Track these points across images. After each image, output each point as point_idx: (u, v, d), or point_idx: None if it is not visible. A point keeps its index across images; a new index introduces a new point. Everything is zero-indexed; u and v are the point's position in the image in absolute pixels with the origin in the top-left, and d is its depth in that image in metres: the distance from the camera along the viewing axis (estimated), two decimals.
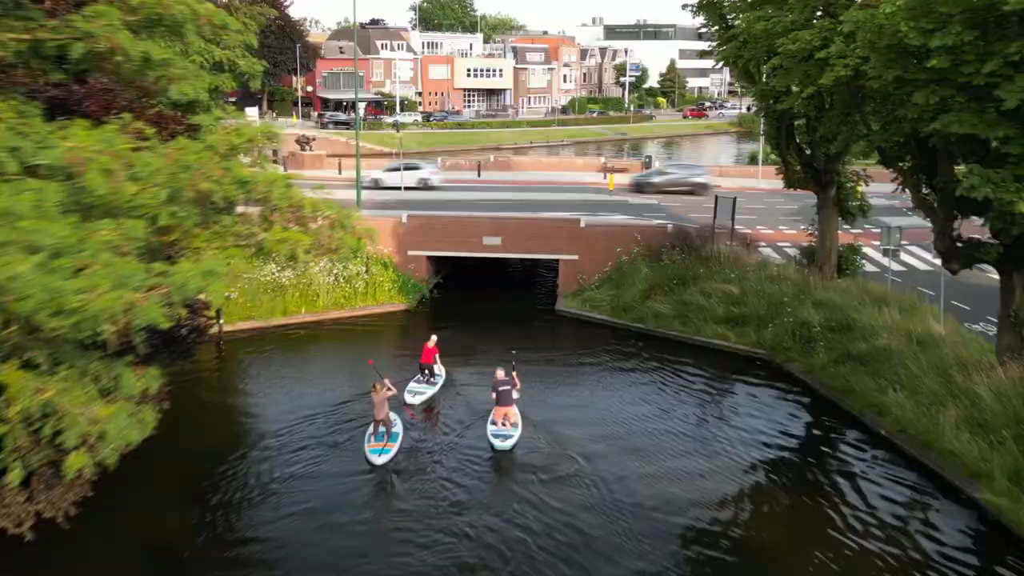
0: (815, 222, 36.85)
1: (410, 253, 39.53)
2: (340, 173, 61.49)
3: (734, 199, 37.54)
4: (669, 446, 24.91)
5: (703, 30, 36.68)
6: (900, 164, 25.61)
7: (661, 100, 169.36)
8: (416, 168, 56.30)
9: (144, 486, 21.21)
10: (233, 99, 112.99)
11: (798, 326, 31.08)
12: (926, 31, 16.96)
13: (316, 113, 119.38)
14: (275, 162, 70.24)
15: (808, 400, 28.36)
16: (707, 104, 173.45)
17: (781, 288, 33.54)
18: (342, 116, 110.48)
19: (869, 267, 38.11)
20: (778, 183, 60.71)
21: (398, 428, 24.35)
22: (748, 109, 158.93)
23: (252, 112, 68.84)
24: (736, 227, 38.81)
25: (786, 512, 21.62)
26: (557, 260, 39.44)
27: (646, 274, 36.60)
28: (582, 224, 38.61)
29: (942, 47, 16.77)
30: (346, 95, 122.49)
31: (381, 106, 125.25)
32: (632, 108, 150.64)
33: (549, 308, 37.98)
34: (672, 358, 32.21)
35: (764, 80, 33.11)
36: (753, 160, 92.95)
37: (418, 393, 27.37)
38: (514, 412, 24.77)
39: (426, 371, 28.13)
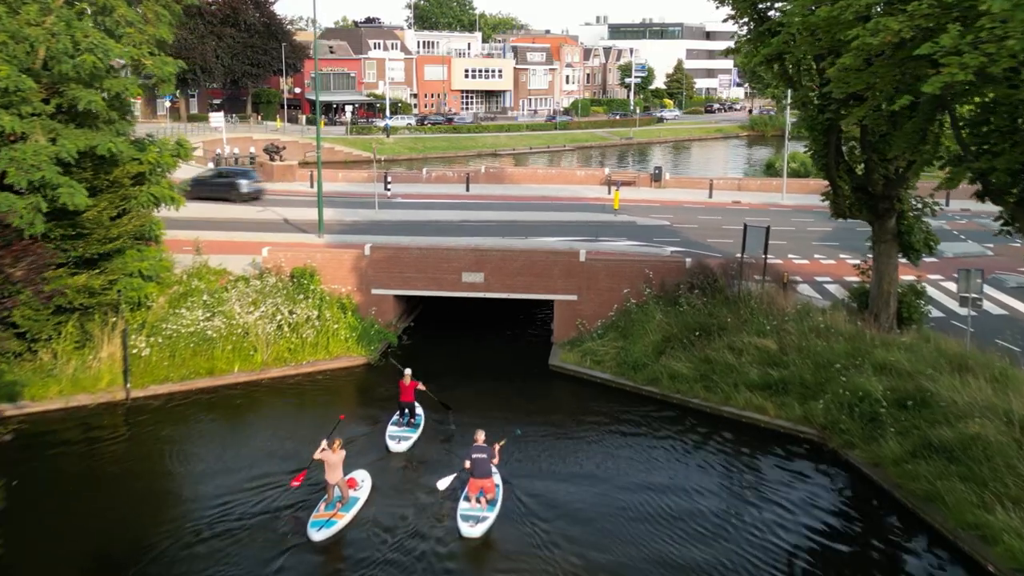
0: (869, 259, 30.06)
1: (374, 292, 32.74)
2: (312, 187, 54.61)
3: (767, 228, 30.67)
4: (688, 564, 18.97)
5: (727, 22, 29.68)
6: (1008, 198, 18.81)
7: (668, 102, 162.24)
8: None
9: None
10: (218, 101, 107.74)
11: (857, 399, 24.27)
12: None
13: (304, 116, 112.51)
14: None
15: (876, 504, 21.62)
16: (716, 106, 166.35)
17: (831, 345, 26.70)
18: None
19: (932, 310, 31.10)
20: (805, 199, 54.15)
21: (359, 493, 21.08)
22: (749, 112, 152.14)
23: (217, 119, 62.08)
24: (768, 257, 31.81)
25: None
26: (551, 301, 32.65)
27: (660, 321, 29.77)
28: (581, 258, 31.80)
29: None
30: (336, 97, 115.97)
31: (373, 108, 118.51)
32: (637, 110, 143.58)
33: (542, 361, 31.12)
34: (693, 435, 25.60)
35: (812, 84, 26.37)
36: (770, 169, 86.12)
37: (403, 438, 24.57)
38: (492, 486, 20.73)
39: (407, 410, 25.32)
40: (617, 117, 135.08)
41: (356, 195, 51.21)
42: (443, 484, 21.06)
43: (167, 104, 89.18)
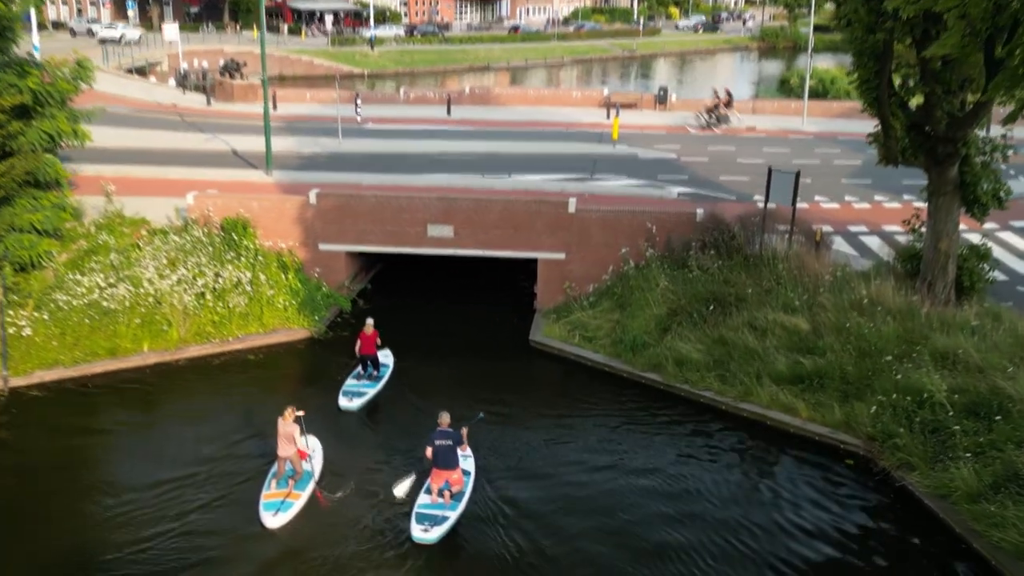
0: (918, 208, 24.63)
1: (322, 248, 27.30)
2: (276, 109, 48.69)
3: (796, 174, 25.02)
4: None
5: None
6: None
7: (674, 11, 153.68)
8: None
9: None
10: (195, 9, 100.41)
11: (915, 403, 19.05)
12: None
13: (286, 25, 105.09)
14: (200, 88, 57.36)
15: (944, 552, 16.63)
16: (724, 15, 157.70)
17: (877, 326, 21.39)
18: None
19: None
20: (829, 124, 48.32)
21: (312, 465, 18.28)
22: (744, 22, 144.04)
23: (171, 30, 55.57)
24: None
25: None
26: (534, 259, 27.23)
27: (664, 289, 24.44)
28: (571, 208, 26.27)
29: None
30: (320, 4, 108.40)
31: (360, 17, 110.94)
32: (642, 20, 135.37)
33: (522, 334, 25.87)
34: (704, 439, 20.69)
35: None
36: (783, 85, 79.59)
37: (356, 395, 21.93)
38: (459, 477, 17.51)
39: (368, 363, 22.72)
40: (641, 28, 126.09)
41: (324, 119, 45.26)
42: (400, 491, 17.57)
43: (129, 11, 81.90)
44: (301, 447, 17.92)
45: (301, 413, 17.96)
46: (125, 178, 31.72)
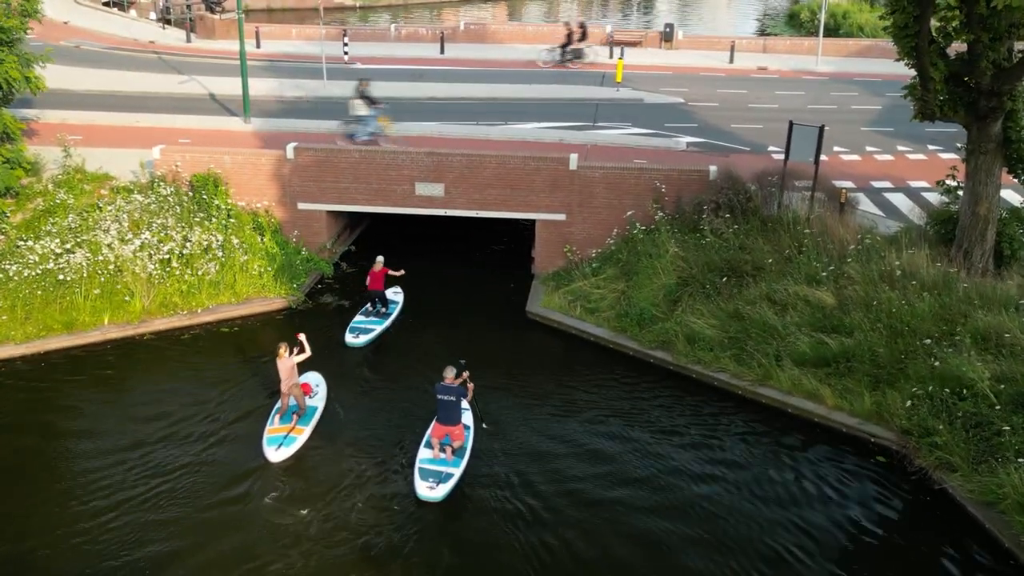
0: (952, 165, 22.42)
1: (300, 207, 25.09)
2: (259, 47, 45.97)
3: (820, 128, 22.75)
4: None
5: None
6: None
7: None
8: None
9: None
10: None
11: (955, 394, 17.09)
12: None
13: None
14: (182, 24, 54.41)
15: (990, 569, 14.79)
16: None
17: (910, 301, 19.33)
18: None
19: None
20: (844, 63, 45.57)
21: (316, 401, 18.59)
22: None
23: None
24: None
25: None
26: (532, 221, 25.06)
27: (674, 256, 22.32)
28: (572, 165, 24.02)
29: None
30: None
31: None
32: None
33: (518, 303, 23.81)
34: (719, 427, 18.82)
35: None
36: (792, 21, 76.21)
37: (363, 331, 21.76)
38: (461, 432, 16.97)
39: (377, 300, 22.54)
40: None
41: (309, 58, 42.54)
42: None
43: None
44: (303, 380, 18.27)
45: (306, 349, 18.01)
46: (91, 126, 29.51)
